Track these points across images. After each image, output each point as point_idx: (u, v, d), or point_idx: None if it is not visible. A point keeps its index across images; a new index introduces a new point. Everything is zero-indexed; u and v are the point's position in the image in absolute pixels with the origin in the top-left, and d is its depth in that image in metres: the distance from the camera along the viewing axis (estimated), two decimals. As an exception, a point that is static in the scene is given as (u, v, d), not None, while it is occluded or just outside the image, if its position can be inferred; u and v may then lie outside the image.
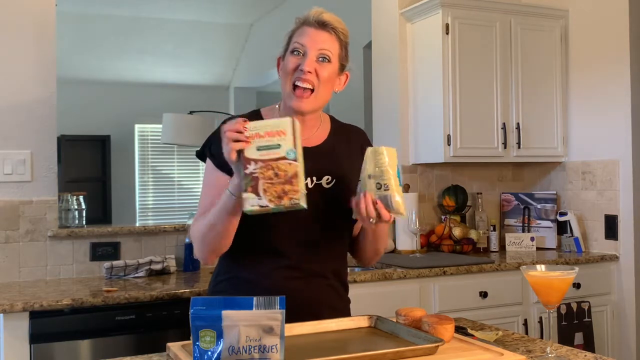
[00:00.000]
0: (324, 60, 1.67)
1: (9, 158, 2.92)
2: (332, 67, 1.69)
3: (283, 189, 1.43)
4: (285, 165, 1.43)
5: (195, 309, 1.18)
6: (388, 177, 1.51)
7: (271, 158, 1.44)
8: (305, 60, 1.66)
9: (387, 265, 3.11)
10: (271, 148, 1.44)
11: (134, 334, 2.50)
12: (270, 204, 1.43)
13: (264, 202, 1.43)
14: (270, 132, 1.45)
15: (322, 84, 1.68)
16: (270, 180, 1.43)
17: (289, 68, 1.68)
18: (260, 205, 1.43)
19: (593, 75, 3.63)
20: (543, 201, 3.80)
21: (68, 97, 7.18)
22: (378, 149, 1.53)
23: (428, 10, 3.54)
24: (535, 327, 3.23)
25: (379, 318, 1.62)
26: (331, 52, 1.68)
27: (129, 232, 3.11)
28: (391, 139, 3.76)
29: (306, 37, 1.67)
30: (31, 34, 2.97)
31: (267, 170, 1.43)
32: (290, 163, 1.44)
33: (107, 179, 8.19)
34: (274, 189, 1.43)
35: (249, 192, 1.43)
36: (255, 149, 1.44)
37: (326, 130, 1.80)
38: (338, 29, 1.70)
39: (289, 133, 1.45)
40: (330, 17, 1.69)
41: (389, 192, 1.50)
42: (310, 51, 1.66)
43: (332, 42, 1.69)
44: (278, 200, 1.43)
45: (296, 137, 1.45)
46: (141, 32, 7.56)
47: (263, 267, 1.69)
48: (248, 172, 1.44)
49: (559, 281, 1.51)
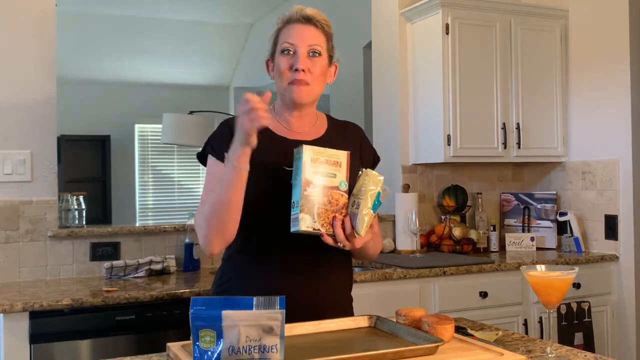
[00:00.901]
0: (314, 55, 1.71)
1: (9, 158, 2.92)
2: (323, 61, 1.74)
3: (334, 217, 1.54)
4: (337, 195, 1.55)
5: (195, 309, 1.18)
6: (364, 199, 1.56)
7: (327, 185, 1.54)
8: (298, 58, 1.69)
9: (387, 265, 3.11)
10: (327, 175, 1.54)
11: (134, 334, 2.50)
12: (322, 228, 1.53)
13: (317, 225, 1.53)
14: (329, 160, 1.55)
15: (315, 79, 1.72)
16: (325, 206, 1.53)
17: (282, 68, 1.71)
18: (314, 228, 1.53)
19: (593, 75, 3.63)
20: (543, 201, 3.80)
21: (68, 97, 7.18)
22: (368, 172, 1.61)
23: (428, 10, 3.54)
24: (535, 327, 3.23)
25: (379, 318, 1.62)
26: (320, 46, 1.72)
27: (129, 232, 3.11)
28: (391, 139, 3.77)
29: (294, 35, 1.71)
30: (31, 34, 2.97)
31: (322, 195, 1.53)
32: (342, 194, 1.56)
33: (107, 179, 8.19)
34: (326, 215, 1.53)
35: (305, 213, 1.51)
36: (314, 173, 1.53)
37: (323, 126, 1.83)
38: (322, 22, 1.74)
39: (344, 166, 1.56)
40: (312, 12, 1.74)
41: (358, 211, 1.57)
42: (300, 49, 1.70)
43: (319, 36, 1.73)
44: (329, 226, 1.54)
45: (348, 170, 1.56)
46: (141, 32, 7.56)
47: (268, 267, 1.70)
48: (306, 194, 1.51)
49: (559, 281, 1.51)
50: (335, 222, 1.55)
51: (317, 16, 1.73)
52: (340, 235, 1.56)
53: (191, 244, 3.09)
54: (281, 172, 1.66)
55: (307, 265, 1.69)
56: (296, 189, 1.53)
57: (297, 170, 1.54)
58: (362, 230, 1.56)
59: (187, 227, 3.14)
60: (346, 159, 1.57)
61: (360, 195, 1.57)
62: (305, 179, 1.51)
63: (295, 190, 1.53)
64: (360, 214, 1.56)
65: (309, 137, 1.75)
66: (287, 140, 1.73)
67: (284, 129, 1.75)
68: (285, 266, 1.69)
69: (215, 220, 1.61)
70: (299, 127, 1.76)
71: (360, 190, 1.57)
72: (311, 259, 1.70)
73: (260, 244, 1.70)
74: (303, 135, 1.75)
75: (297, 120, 1.76)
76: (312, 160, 1.52)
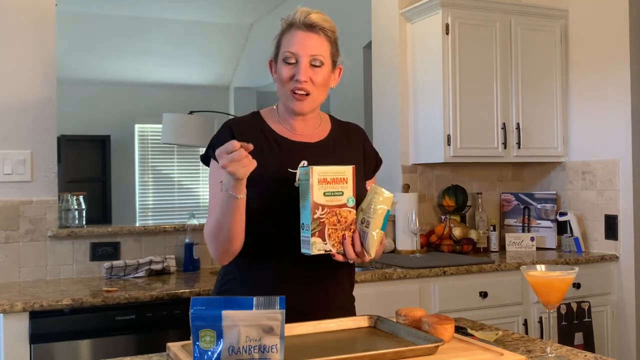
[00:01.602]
0: (316, 65, 1.69)
1: (9, 158, 2.92)
2: (326, 69, 1.71)
3: (344, 235, 1.56)
4: (346, 212, 1.56)
5: (195, 309, 1.18)
6: (374, 217, 1.58)
7: (334, 204, 1.55)
8: (299, 69, 1.67)
9: (387, 265, 3.11)
10: (335, 194, 1.55)
11: (134, 334, 2.50)
12: (333, 248, 1.55)
13: (329, 247, 1.55)
14: (335, 178, 1.55)
15: (317, 88, 1.70)
16: (334, 226, 1.55)
17: (283, 78, 1.69)
18: (326, 250, 1.55)
19: (593, 75, 3.63)
20: (543, 201, 3.80)
21: (68, 97, 7.18)
22: (378, 189, 1.60)
23: (428, 10, 3.54)
24: (535, 327, 3.23)
25: (379, 318, 1.62)
26: (322, 55, 1.70)
27: (129, 232, 3.11)
28: (391, 139, 3.77)
29: (296, 44, 1.68)
30: (31, 34, 2.97)
31: (331, 216, 1.54)
32: (350, 210, 1.57)
33: (107, 179, 8.19)
34: (336, 234, 1.55)
35: (317, 237, 1.53)
36: (322, 194, 1.53)
37: (327, 128, 1.82)
38: (326, 28, 1.71)
39: (350, 181, 1.56)
40: (317, 17, 1.70)
41: (368, 230, 1.58)
42: (302, 58, 1.67)
43: (322, 45, 1.70)
44: (339, 245, 1.56)
45: (354, 185, 1.57)
46: (141, 32, 7.55)
47: (271, 268, 1.70)
48: (316, 217, 1.53)
49: (559, 281, 1.51)
50: (345, 241, 1.57)
51: (322, 23, 1.70)
52: (350, 254, 1.58)
53: (191, 244, 3.09)
54: (285, 175, 1.67)
55: (309, 267, 1.69)
56: (305, 211, 1.54)
57: (306, 193, 1.54)
58: (372, 250, 1.59)
59: (187, 227, 3.14)
60: (352, 174, 1.57)
61: (369, 214, 1.58)
62: (314, 202, 1.52)
63: (305, 212, 1.54)
64: (369, 233, 1.57)
65: (312, 139, 1.75)
66: (291, 142, 1.73)
67: (288, 132, 1.75)
68: (287, 268, 1.69)
69: (219, 241, 1.64)
70: (302, 129, 1.76)
71: (370, 209, 1.58)
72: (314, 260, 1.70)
73: (262, 246, 1.70)
74: (307, 137, 1.75)
75: (300, 123, 1.76)
76: (319, 182, 1.53)
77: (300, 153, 1.71)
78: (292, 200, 1.61)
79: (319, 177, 1.53)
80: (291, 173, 1.68)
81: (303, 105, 1.70)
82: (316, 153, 1.71)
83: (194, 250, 3.10)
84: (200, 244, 3.16)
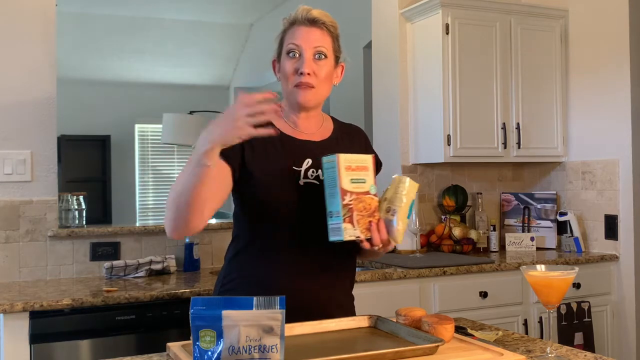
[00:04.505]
0: (320, 58, 1.70)
1: (9, 158, 2.92)
2: (329, 63, 1.72)
3: (370, 221, 1.56)
4: (369, 199, 1.57)
5: (195, 309, 1.18)
6: (400, 205, 1.60)
7: (360, 191, 1.56)
8: (303, 62, 1.68)
9: (387, 265, 3.11)
10: (359, 182, 1.56)
11: (134, 334, 2.50)
12: (362, 235, 1.55)
13: (358, 232, 1.55)
14: (359, 166, 1.57)
15: (321, 82, 1.71)
16: (361, 212, 1.55)
17: (287, 71, 1.70)
18: (356, 236, 1.55)
19: (593, 75, 3.63)
20: (543, 201, 3.80)
21: (68, 97, 7.18)
22: (403, 179, 1.62)
23: (428, 10, 3.54)
24: (535, 327, 3.23)
25: (379, 318, 1.62)
26: (326, 48, 1.71)
27: (129, 232, 3.11)
28: (391, 139, 3.77)
29: (299, 37, 1.69)
30: (31, 34, 2.97)
31: (358, 202, 1.55)
32: (372, 198, 1.57)
33: (107, 179, 8.19)
34: (363, 221, 1.56)
35: (347, 223, 1.53)
36: (350, 181, 1.54)
37: (329, 128, 1.83)
38: (327, 23, 1.73)
39: (371, 169, 1.58)
40: (318, 13, 1.72)
41: (394, 218, 1.59)
42: (306, 51, 1.68)
43: (325, 38, 1.72)
44: (367, 231, 1.56)
45: (374, 173, 1.59)
46: (141, 32, 7.56)
47: (274, 267, 1.69)
48: (345, 203, 1.53)
49: (559, 281, 1.51)
50: (372, 227, 1.57)
51: (323, 17, 1.72)
52: (376, 240, 1.58)
53: (191, 244, 3.10)
54: (289, 173, 1.66)
55: (312, 265, 1.69)
56: (334, 198, 1.54)
57: (333, 180, 1.54)
58: (399, 237, 1.61)
59: (187, 227, 3.13)
60: (372, 163, 1.59)
61: (396, 203, 1.59)
62: (342, 188, 1.53)
63: (333, 199, 1.54)
64: (397, 222, 1.59)
65: (316, 138, 1.76)
66: (296, 140, 1.73)
67: (292, 130, 1.75)
68: (290, 266, 1.69)
69: (178, 208, 1.55)
70: (306, 128, 1.76)
71: (396, 198, 1.60)
72: (316, 258, 1.70)
73: (265, 244, 1.70)
74: (311, 136, 1.75)
75: (304, 121, 1.76)
76: (346, 169, 1.54)
77: (304, 151, 1.71)
78: (296, 198, 1.61)
79: (345, 163, 1.54)
80: (295, 171, 1.68)
81: (307, 96, 1.69)
82: (320, 149, 1.71)
83: (194, 250, 3.10)
84: (201, 244, 3.16)
